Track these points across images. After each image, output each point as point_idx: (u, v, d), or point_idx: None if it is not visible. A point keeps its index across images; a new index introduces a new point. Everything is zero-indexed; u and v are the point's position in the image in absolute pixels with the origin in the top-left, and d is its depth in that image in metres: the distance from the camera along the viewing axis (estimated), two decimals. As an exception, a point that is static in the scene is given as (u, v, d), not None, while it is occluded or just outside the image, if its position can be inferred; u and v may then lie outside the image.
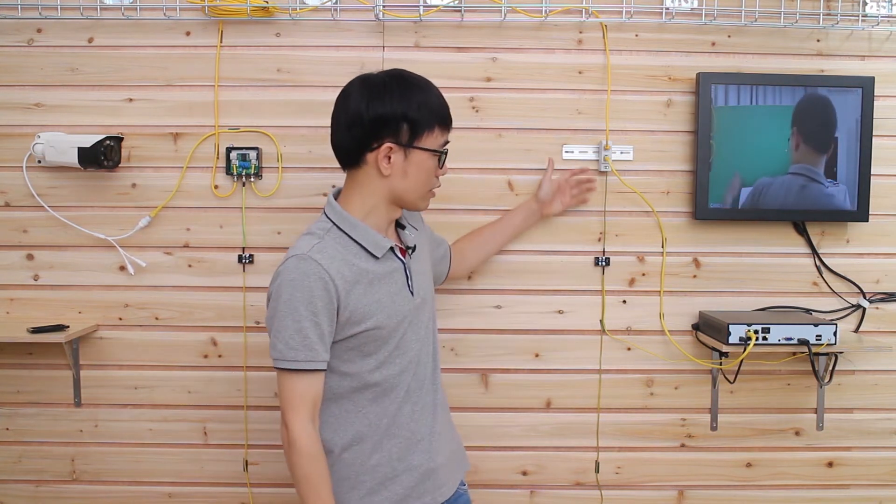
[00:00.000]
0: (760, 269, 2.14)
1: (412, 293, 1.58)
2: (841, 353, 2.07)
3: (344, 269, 1.49)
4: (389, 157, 1.51)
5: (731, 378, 2.10)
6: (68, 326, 2.02)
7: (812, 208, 2.07)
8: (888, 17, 2.09)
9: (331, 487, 1.49)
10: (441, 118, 1.55)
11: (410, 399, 1.58)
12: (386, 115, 1.50)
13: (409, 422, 1.58)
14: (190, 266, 2.10)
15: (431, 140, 1.54)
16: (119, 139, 2.05)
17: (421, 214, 1.79)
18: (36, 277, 2.10)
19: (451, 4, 2.06)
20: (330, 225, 1.55)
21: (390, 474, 1.56)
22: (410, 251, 1.62)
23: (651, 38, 2.09)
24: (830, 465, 2.19)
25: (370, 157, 1.52)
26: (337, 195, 1.60)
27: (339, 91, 2.06)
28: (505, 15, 2.06)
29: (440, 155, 1.56)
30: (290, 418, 1.46)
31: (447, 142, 1.58)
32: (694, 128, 2.09)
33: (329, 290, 1.46)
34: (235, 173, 2.06)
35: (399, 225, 1.65)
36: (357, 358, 1.53)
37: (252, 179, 2.08)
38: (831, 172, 2.07)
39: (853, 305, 2.15)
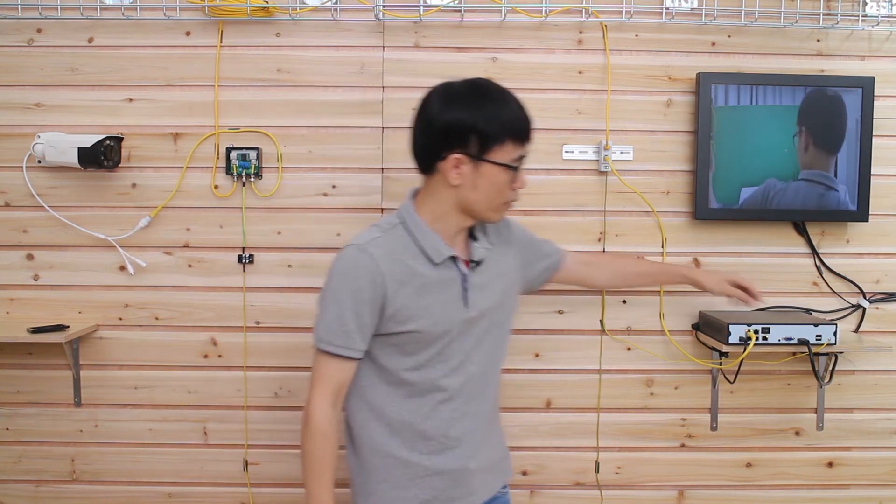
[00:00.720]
0: (760, 269, 2.14)
1: (466, 305, 1.55)
2: (841, 353, 2.07)
3: (396, 268, 1.50)
4: (459, 168, 1.49)
5: (731, 378, 2.10)
6: (68, 326, 2.02)
7: (814, 209, 2.07)
8: (888, 17, 2.09)
9: (333, 470, 1.51)
10: (514, 132, 1.49)
11: (451, 404, 1.56)
12: (456, 124, 1.48)
13: (446, 426, 1.56)
14: (190, 266, 2.10)
15: (502, 153, 1.48)
16: (119, 139, 2.05)
17: (515, 225, 1.75)
18: (36, 277, 2.10)
19: (451, 4, 2.06)
20: (398, 222, 1.55)
21: (421, 473, 1.56)
22: (474, 264, 1.58)
23: (651, 38, 2.09)
24: (830, 465, 2.19)
25: (440, 165, 1.50)
26: (415, 194, 1.60)
27: (338, 91, 2.08)
28: (505, 15, 2.06)
29: (513, 169, 1.51)
30: (312, 395, 1.51)
31: (523, 156, 1.52)
32: (694, 128, 2.09)
33: (376, 285, 1.48)
34: (235, 173, 2.06)
35: (473, 236, 1.61)
36: (396, 355, 1.54)
37: (252, 179, 2.08)
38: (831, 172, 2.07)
39: (853, 305, 2.15)
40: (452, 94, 1.50)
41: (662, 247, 2.12)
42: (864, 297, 2.14)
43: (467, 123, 1.47)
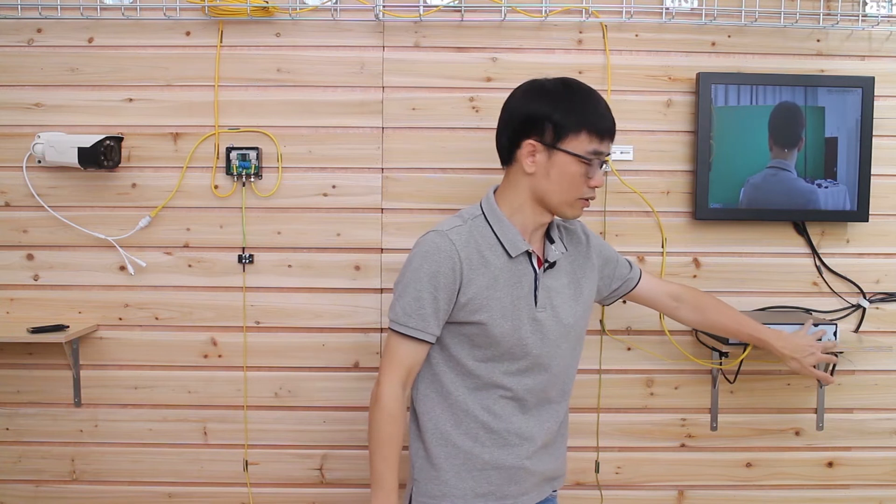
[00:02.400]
0: (760, 269, 2.14)
1: (535, 304, 1.57)
2: (841, 353, 2.06)
3: (474, 256, 1.54)
4: (534, 155, 1.53)
5: (731, 378, 2.10)
6: (68, 326, 2.02)
7: (799, 203, 2.06)
8: (888, 17, 2.09)
9: (399, 450, 1.53)
10: (590, 124, 1.51)
11: (515, 402, 1.58)
12: (534, 113, 1.53)
13: (510, 422, 1.58)
14: (190, 266, 2.10)
15: (577, 144, 1.51)
16: (119, 139, 2.05)
17: (595, 239, 1.76)
18: (36, 277, 2.10)
19: (451, 4, 2.06)
20: (479, 213, 1.59)
21: (479, 466, 1.58)
22: (546, 264, 1.60)
23: (651, 38, 2.09)
24: (830, 465, 2.19)
25: (518, 153, 1.55)
26: (497, 189, 1.63)
27: (338, 91, 2.08)
28: (505, 15, 2.06)
29: (587, 162, 1.52)
30: (382, 375, 1.54)
31: (599, 152, 1.53)
32: (694, 128, 2.09)
33: (455, 270, 1.52)
34: (235, 173, 2.06)
35: (551, 239, 1.63)
36: (467, 345, 1.56)
37: (252, 179, 2.08)
38: (831, 172, 2.07)
39: (853, 305, 2.15)
40: (536, 87, 1.56)
41: (662, 247, 2.12)
42: (864, 297, 2.14)
43: (544, 112, 1.52)
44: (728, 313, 1.89)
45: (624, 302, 2.11)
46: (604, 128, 1.54)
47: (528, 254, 1.58)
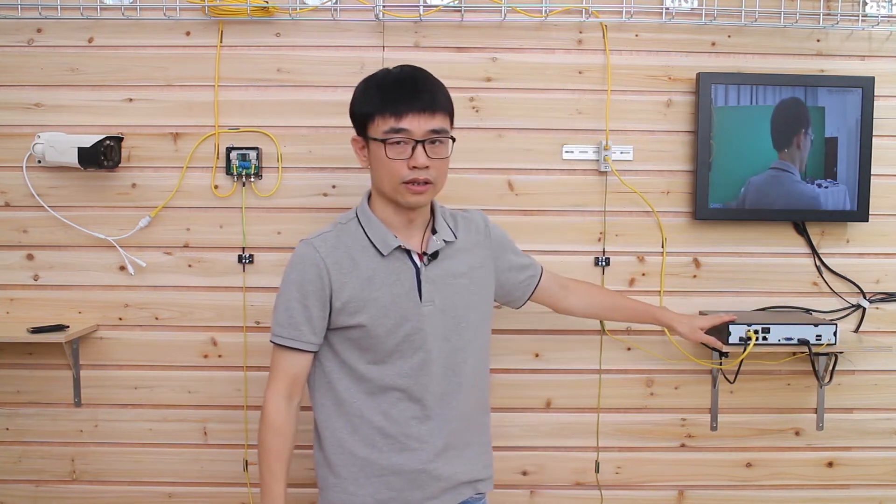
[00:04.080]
0: (760, 269, 2.14)
1: (420, 299, 1.55)
2: (841, 353, 2.07)
3: (344, 260, 1.55)
4: (362, 151, 1.58)
5: (731, 378, 2.10)
6: (68, 326, 2.02)
7: (813, 208, 2.07)
8: (888, 17, 2.09)
9: (284, 463, 1.54)
10: (382, 105, 1.51)
11: (412, 404, 1.56)
12: (350, 112, 1.59)
13: (406, 425, 1.56)
14: (190, 266, 2.10)
15: (375, 128, 1.52)
16: (119, 139, 2.05)
17: (496, 229, 1.73)
18: (36, 277, 2.10)
19: (451, 4, 2.06)
20: (353, 216, 1.61)
21: (377, 472, 1.57)
22: (428, 258, 1.58)
23: (651, 38, 2.09)
24: (830, 465, 2.19)
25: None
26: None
27: (338, 91, 2.08)
28: (505, 15, 2.06)
29: (389, 142, 1.50)
30: (266, 388, 1.58)
31: (398, 129, 1.49)
32: (694, 128, 2.09)
33: (322, 277, 1.53)
34: (235, 173, 2.06)
35: (435, 230, 1.61)
36: (355, 349, 1.56)
37: (252, 179, 2.08)
38: (831, 172, 2.07)
39: (853, 305, 2.15)
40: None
41: (662, 247, 2.12)
42: (864, 297, 2.14)
43: (352, 108, 1.58)
44: (619, 298, 1.92)
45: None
46: (390, 101, 1.50)
47: (407, 250, 1.56)
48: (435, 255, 1.58)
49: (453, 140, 1.57)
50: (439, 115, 1.52)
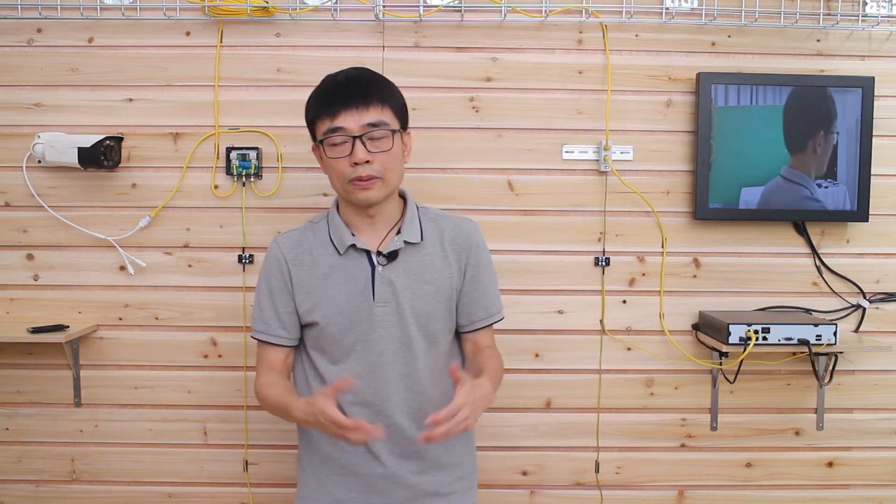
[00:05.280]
0: (760, 269, 2.14)
1: (374, 299, 1.54)
2: (841, 353, 2.07)
3: (304, 257, 1.59)
4: (318, 157, 1.58)
5: (731, 378, 2.10)
6: (68, 326, 2.02)
7: (813, 209, 2.07)
8: (888, 17, 2.09)
9: (291, 395, 1.52)
10: (319, 109, 1.53)
11: (366, 408, 1.54)
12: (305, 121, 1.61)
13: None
14: (190, 266, 2.10)
15: (318, 132, 1.55)
16: (119, 139, 2.05)
17: (484, 257, 1.64)
18: (36, 277, 2.10)
19: (451, 4, 2.06)
20: (324, 215, 1.64)
21: (337, 471, 1.59)
22: (384, 259, 1.55)
23: (651, 38, 2.09)
24: (830, 465, 2.19)
25: None
26: None
27: (339, 91, 2.08)
28: (505, 15, 2.06)
29: (330, 144, 1.51)
30: (255, 378, 1.62)
31: (334, 129, 1.50)
32: (694, 128, 2.09)
33: (283, 273, 1.59)
34: (235, 173, 2.06)
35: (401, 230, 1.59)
36: (316, 349, 1.59)
37: (252, 179, 2.08)
38: (831, 172, 2.07)
39: (853, 305, 2.15)
40: None
41: (662, 247, 2.12)
42: (864, 297, 2.14)
43: (305, 116, 1.59)
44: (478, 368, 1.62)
45: (624, 302, 2.11)
46: (325, 101, 1.52)
47: (366, 250, 1.56)
48: (393, 256, 1.56)
49: (397, 132, 1.54)
50: (374, 109, 1.50)
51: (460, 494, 1.65)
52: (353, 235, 1.57)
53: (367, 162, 1.50)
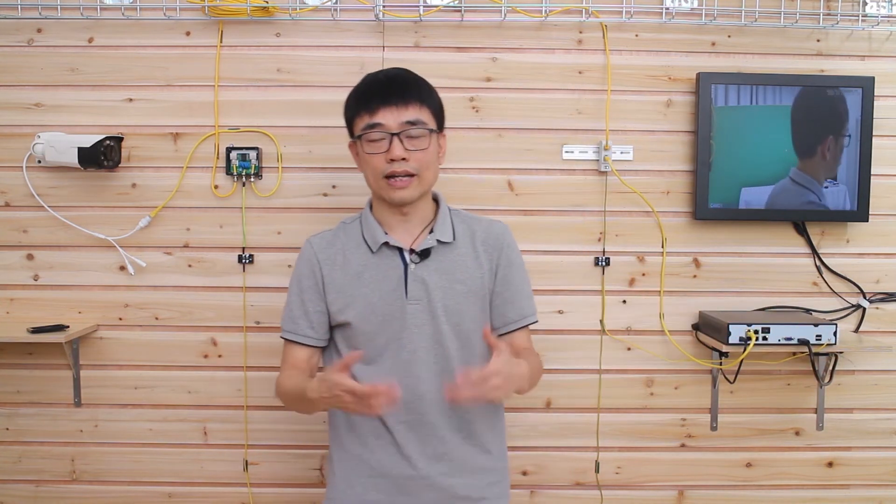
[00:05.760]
0: (760, 269, 2.13)
1: (406, 296, 1.54)
2: (841, 353, 2.07)
3: (337, 257, 1.59)
4: (356, 155, 1.61)
5: (731, 378, 2.10)
6: (68, 326, 2.02)
7: (813, 209, 2.07)
8: (888, 17, 2.09)
9: (306, 381, 1.50)
10: (358, 105, 1.55)
11: (401, 406, 1.51)
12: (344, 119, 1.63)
13: (395, 429, 1.54)
14: (190, 266, 2.10)
15: (356, 128, 1.57)
16: (119, 139, 2.05)
17: (516, 257, 1.64)
18: (36, 277, 2.10)
19: (451, 4, 2.06)
20: (357, 216, 1.66)
21: (366, 472, 1.57)
22: (416, 256, 1.56)
23: (651, 38, 2.09)
24: (830, 465, 2.19)
25: None
26: None
27: (338, 91, 2.06)
28: (505, 15, 2.06)
29: (368, 140, 1.53)
30: (278, 375, 1.63)
31: (373, 124, 1.52)
32: (694, 128, 2.09)
33: (315, 273, 1.59)
34: (235, 173, 2.06)
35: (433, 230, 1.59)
36: (348, 349, 1.57)
37: (252, 179, 2.08)
38: (831, 172, 2.07)
39: (853, 305, 2.15)
40: None
41: (662, 247, 2.12)
42: (864, 297, 2.14)
43: (343, 115, 1.62)
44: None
45: (624, 302, 2.12)
46: (365, 96, 1.55)
47: (398, 248, 1.57)
48: (426, 254, 1.57)
49: (434, 132, 1.56)
50: (413, 107, 1.53)
51: (492, 501, 1.61)
52: (386, 234, 1.58)
53: (404, 159, 1.52)
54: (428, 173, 1.56)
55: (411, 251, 1.57)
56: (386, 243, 1.57)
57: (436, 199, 1.65)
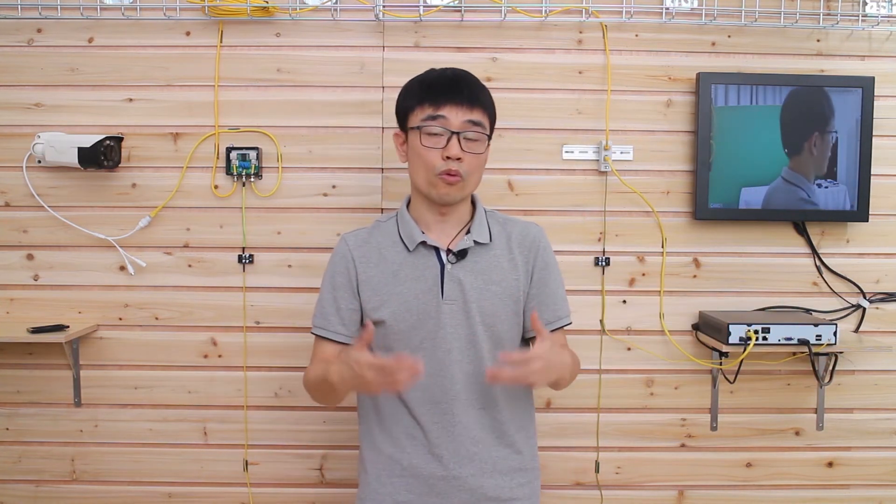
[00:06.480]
0: (760, 269, 2.13)
1: (442, 296, 1.54)
2: (841, 353, 2.07)
3: (372, 255, 1.59)
4: (402, 146, 1.59)
5: (731, 378, 2.10)
6: (68, 326, 2.02)
7: (814, 209, 2.07)
8: (888, 17, 2.09)
9: (329, 366, 1.49)
10: (421, 95, 1.53)
11: (434, 406, 1.53)
12: (395, 108, 1.61)
13: (429, 429, 1.54)
14: (190, 266, 2.10)
15: (414, 118, 1.54)
16: (119, 139, 2.05)
17: (550, 259, 1.64)
18: (36, 277, 2.10)
19: (451, 4, 2.06)
20: (392, 215, 1.65)
21: (398, 472, 1.56)
22: (454, 256, 1.55)
23: (651, 38, 2.09)
24: (830, 465, 2.19)
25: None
26: None
27: (338, 91, 2.08)
28: (505, 15, 2.06)
29: (427, 132, 1.51)
30: (307, 369, 1.61)
31: (435, 116, 1.50)
32: (694, 128, 2.09)
33: (350, 270, 1.58)
34: (235, 173, 2.06)
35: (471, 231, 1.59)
36: (382, 349, 1.55)
37: (252, 179, 2.08)
38: (831, 172, 2.07)
39: (853, 305, 2.15)
40: None
41: (662, 247, 2.12)
42: (864, 297, 2.14)
43: (396, 103, 1.60)
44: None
45: (624, 302, 2.12)
46: (434, 93, 1.52)
47: (435, 247, 1.56)
48: (463, 255, 1.56)
49: (489, 139, 1.57)
50: (478, 110, 1.53)
51: (522, 501, 1.60)
52: (423, 233, 1.57)
53: (458, 159, 1.51)
54: (473, 178, 1.56)
55: (448, 251, 1.57)
56: (423, 242, 1.56)
57: (473, 201, 1.65)
